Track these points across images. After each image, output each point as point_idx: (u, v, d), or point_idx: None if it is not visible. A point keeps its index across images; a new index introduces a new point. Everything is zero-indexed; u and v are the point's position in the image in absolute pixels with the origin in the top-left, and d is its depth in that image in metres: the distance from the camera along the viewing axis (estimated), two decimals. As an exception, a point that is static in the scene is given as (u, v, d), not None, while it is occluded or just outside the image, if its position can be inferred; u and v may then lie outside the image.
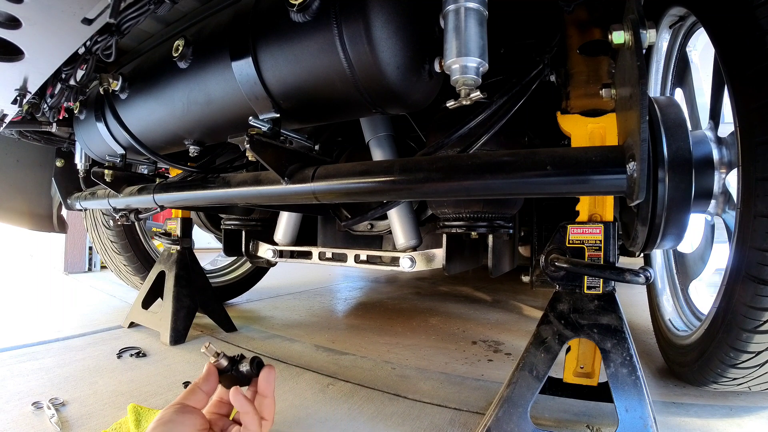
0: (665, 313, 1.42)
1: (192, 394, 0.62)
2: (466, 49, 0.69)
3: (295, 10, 0.75)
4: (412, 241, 1.31)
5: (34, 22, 0.67)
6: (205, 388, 0.64)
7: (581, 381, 0.96)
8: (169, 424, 0.57)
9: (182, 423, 0.58)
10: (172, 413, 0.59)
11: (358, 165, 0.83)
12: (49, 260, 3.94)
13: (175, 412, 0.59)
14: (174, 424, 0.57)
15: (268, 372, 0.67)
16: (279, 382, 1.24)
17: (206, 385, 0.64)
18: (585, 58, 0.92)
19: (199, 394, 0.63)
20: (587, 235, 0.87)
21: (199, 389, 0.63)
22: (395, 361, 1.46)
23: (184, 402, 0.61)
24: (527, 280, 1.26)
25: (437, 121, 1.16)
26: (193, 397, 0.62)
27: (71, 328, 1.78)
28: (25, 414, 1.00)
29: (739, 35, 0.82)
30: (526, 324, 2.02)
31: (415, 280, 3.40)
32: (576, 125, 0.91)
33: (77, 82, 1.03)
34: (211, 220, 2.29)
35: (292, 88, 0.87)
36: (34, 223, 2.11)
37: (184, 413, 0.59)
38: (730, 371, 0.95)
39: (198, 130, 1.11)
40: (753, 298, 0.83)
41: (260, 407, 0.64)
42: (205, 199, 1.14)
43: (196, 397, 0.62)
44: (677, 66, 1.39)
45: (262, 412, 0.64)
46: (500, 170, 0.69)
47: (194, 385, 0.64)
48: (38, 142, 1.75)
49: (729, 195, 0.94)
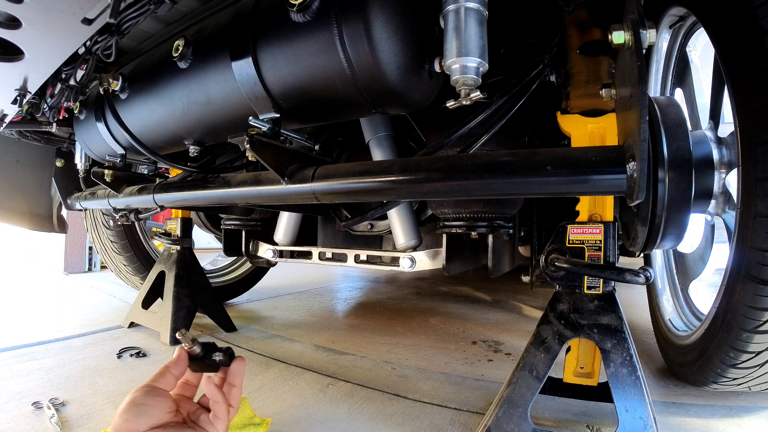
0: (665, 313, 1.42)
1: (162, 377, 0.63)
2: (466, 49, 0.69)
3: (295, 10, 0.75)
4: (412, 241, 1.31)
5: (34, 22, 0.67)
6: (174, 372, 0.65)
7: (581, 381, 0.96)
8: (141, 407, 0.58)
9: (153, 406, 0.59)
10: (142, 395, 0.60)
11: (358, 165, 0.83)
12: (49, 260, 3.94)
13: (146, 394, 0.60)
14: (146, 407, 0.58)
15: (239, 363, 0.69)
16: (279, 381, 1.24)
17: (176, 369, 0.65)
18: (585, 58, 0.92)
19: (168, 377, 0.64)
20: (587, 235, 0.87)
21: (169, 372, 0.64)
22: (395, 361, 1.46)
23: (154, 384, 0.62)
24: (527, 280, 1.26)
25: (437, 121, 1.16)
26: (162, 380, 0.63)
27: (71, 328, 1.78)
28: (25, 414, 1.00)
29: (739, 35, 0.82)
30: (526, 324, 2.02)
31: (415, 280, 3.40)
32: (576, 125, 0.91)
33: (77, 82, 1.03)
34: (211, 220, 2.29)
35: (292, 88, 0.87)
36: (34, 223, 2.10)
37: (154, 395, 0.61)
38: (730, 371, 0.95)
39: (198, 130, 1.11)
40: (753, 298, 0.83)
41: (228, 395, 0.66)
42: (205, 199, 1.14)
43: (166, 379, 0.64)
44: (677, 66, 1.39)
45: (230, 399, 0.66)
46: (500, 170, 0.69)
47: (165, 368, 0.65)
48: (38, 142, 1.75)
49: (729, 195, 0.94)
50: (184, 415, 0.65)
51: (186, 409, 0.66)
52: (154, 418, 0.58)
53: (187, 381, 0.68)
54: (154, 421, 0.58)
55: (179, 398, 0.66)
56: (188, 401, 0.67)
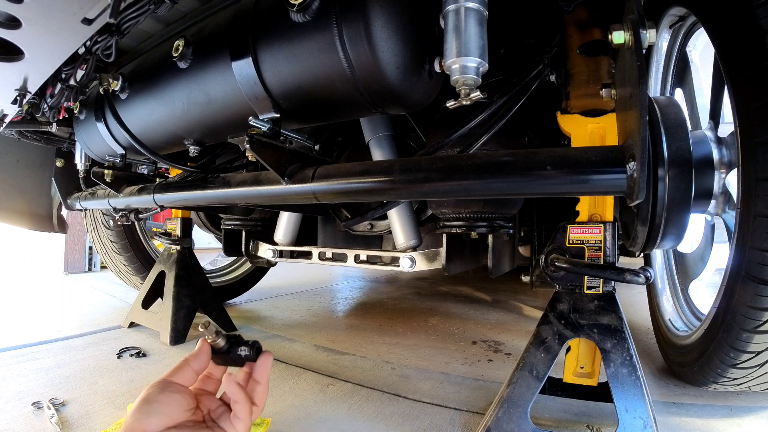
0: (665, 313, 1.42)
1: (180, 371, 0.58)
2: (466, 49, 0.69)
3: (295, 10, 0.75)
4: (412, 241, 1.31)
5: (34, 22, 0.67)
6: (195, 366, 0.59)
7: (581, 381, 0.96)
8: (154, 405, 0.52)
9: (167, 403, 0.53)
10: (157, 391, 0.54)
11: (358, 165, 0.83)
12: (49, 260, 3.94)
13: (161, 390, 0.54)
14: (159, 405, 0.53)
15: (266, 358, 0.63)
16: (279, 381, 1.24)
17: (197, 363, 0.59)
18: (585, 58, 0.92)
19: (187, 371, 0.58)
20: (587, 235, 0.87)
21: (188, 366, 0.59)
22: (395, 361, 1.46)
23: (171, 379, 0.57)
24: (527, 280, 1.26)
25: (437, 121, 1.16)
26: (181, 374, 0.58)
27: (71, 328, 1.78)
28: (25, 414, 1.00)
29: (739, 35, 0.82)
30: (526, 324, 2.02)
31: (415, 280, 3.40)
32: (576, 125, 0.91)
33: (77, 82, 1.03)
34: (211, 220, 2.29)
35: (292, 88, 0.87)
36: (34, 223, 2.10)
37: (170, 392, 0.55)
38: (730, 371, 0.95)
39: (198, 130, 1.11)
40: (753, 298, 0.83)
41: (252, 392, 0.61)
42: (205, 199, 1.14)
43: (185, 374, 0.58)
44: (677, 66, 1.39)
45: (254, 397, 0.61)
46: (500, 170, 0.69)
47: (184, 361, 0.59)
48: (38, 142, 1.75)
49: (729, 195, 0.94)
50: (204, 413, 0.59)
51: (207, 406, 0.60)
52: (168, 417, 0.53)
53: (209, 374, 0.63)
54: (168, 421, 0.53)
55: (200, 393, 0.61)
56: (210, 397, 0.62)
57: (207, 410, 0.60)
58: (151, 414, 0.52)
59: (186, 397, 0.56)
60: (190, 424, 0.55)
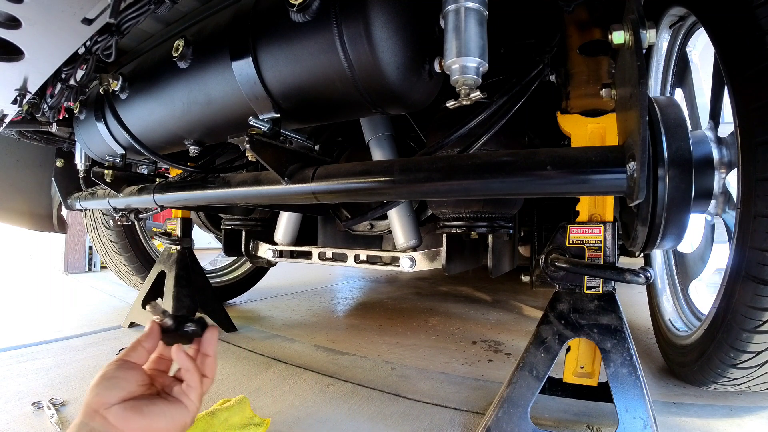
0: (665, 313, 1.42)
1: (133, 351, 0.64)
2: (466, 49, 0.69)
3: (295, 10, 0.75)
4: (412, 241, 1.31)
5: (34, 22, 0.67)
6: (146, 345, 0.65)
7: (581, 381, 0.96)
8: (112, 380, 0.59)
9: (124, 378, 0.60)
10: (114, 369, 0.60)
11: (358, 165, 0.83)
12: (49, 260, 3.94)
13: (117, 367, 0.61)
14: (117, 380, 0.59)
15: (212, 332, 0.69)
16: (279, 381, 1.24)
17: (148, 342, 0.65)
18: (585, 58, 0.92)
19: (140, 351, 0.64)
20: (587, 235, 0.87)
21: (140, 346, 0.64)
22: (395, 361, 1.46)
23: (125, 358, 0.63)
24: (527, 280, 1.26)
25: (437, 121, 1.16)
26: (134, 354, 0.63)
27: (71, 328, 1.78)
28: (25, 414, 1.00)
29: (739, 35, 0.82)
30: (526, 324, 2.02)
31: (415, 280, 3.40)
32: (576, 125, 0.91)
33: (77, 82, 1.03)
34: (211, 220, 2.29)
35: (292, 88, 0.87)
36: (34, 223, 2.10)
37: (125, 369, 0.61)
38: (730, 371, 0.95)
39: (198, 130, 1.11)
40: (753, 298, 0.83)
41: (203, 365, 0.67)
42: (205, 199, 1.14)
43: (137, 353, 0.64)
44: (677, 66, 1.39)
45: (204, 370, 0.66)
46: (500, 170, 0.69)
47: (137, 341, 0.65)
48: (38, 142, 1.75)
49: (729, 195, 0.94)
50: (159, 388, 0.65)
51: (161, 383, 0.66)
52: (124, 390, 0.59)
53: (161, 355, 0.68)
54: (124, 394, 0.58)
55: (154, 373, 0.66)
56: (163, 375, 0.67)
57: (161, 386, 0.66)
58: (110, 388, 0.58)
59: (140, 373, 0.62)
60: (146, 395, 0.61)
